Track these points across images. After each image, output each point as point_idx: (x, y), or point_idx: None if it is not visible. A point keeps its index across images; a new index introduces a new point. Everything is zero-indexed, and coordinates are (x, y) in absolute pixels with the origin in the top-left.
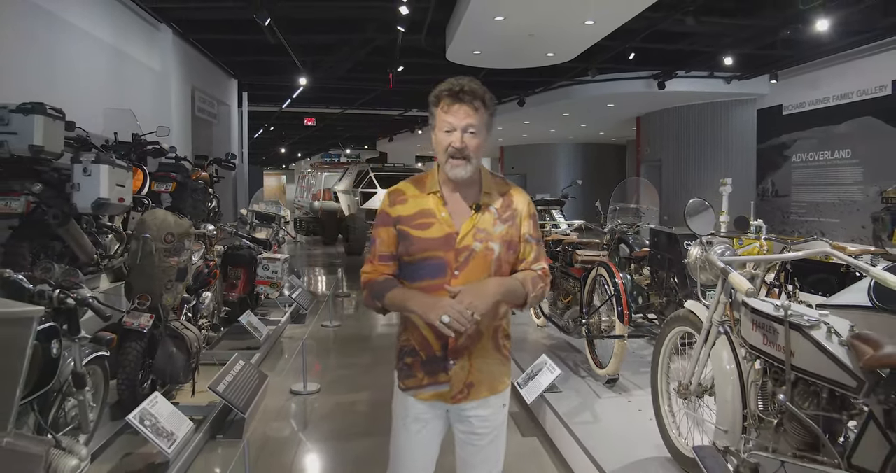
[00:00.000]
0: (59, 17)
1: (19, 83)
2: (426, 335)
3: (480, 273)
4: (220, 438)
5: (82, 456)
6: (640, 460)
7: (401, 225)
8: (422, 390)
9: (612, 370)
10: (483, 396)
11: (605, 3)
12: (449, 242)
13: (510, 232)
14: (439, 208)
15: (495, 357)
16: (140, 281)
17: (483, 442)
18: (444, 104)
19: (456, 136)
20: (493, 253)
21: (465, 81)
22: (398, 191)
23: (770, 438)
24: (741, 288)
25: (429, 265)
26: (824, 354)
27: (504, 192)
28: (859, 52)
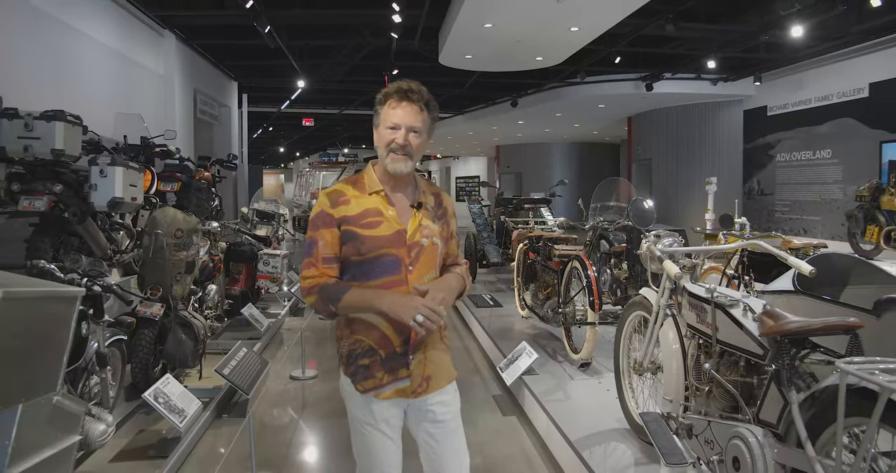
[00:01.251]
0: (72, 27)
1: (35, 89)
2: (387, 332)
3: (430, 267)
4: (226, 417)
5: (109, 423)
6: (602, 431)
7: (346, 225)
8: (382, 389)
9: (586, 354)
10: (442, 386)
11: (588, 12)
12: (400, 239)
13: (444, 228)
14: (385, 207)
15: (441, 346)
16: (152, 274)
17: (448, 429)
18: (392, 102)
19: (400, 134)
20: (437, 247)
21: (414, 84)
22: (338, 191)
23: (703, 403)
24: (671, 273)
25: (383, 262)
26: (740, 328)
27: (434, 193)
28: (838, 55)
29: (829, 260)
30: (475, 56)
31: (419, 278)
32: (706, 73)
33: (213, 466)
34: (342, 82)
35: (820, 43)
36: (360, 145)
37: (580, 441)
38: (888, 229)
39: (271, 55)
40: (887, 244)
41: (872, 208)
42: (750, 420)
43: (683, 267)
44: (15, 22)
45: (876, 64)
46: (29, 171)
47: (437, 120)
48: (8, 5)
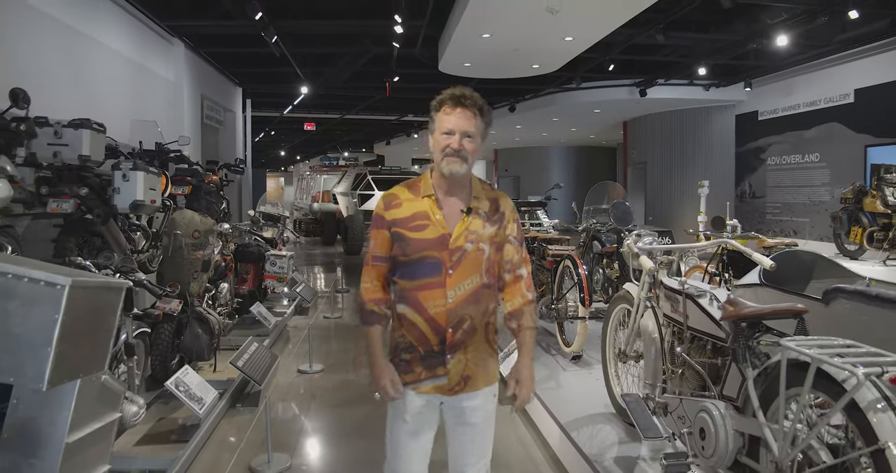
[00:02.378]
0: (91, 37)
1: (57, 97)
2: (424, 331)
3: (472, 271)
4: (240, 407)
5: (140, 405)
6: (590, 415)
7: (396, 227)
8: (420, 384)
9: (577, 347)
10: (479, 388)
11: (581, 23)
12: (443, 243)
13: (498, 233)
14: (434, 210)
15: (487, 350)
16: (171, 272)
17: (476, 432)
18: (447, 108)
19: (454, 138)
20: (483, 253)
21: (468, 91)
22: (393, 195)
23: (677, 384)
24: (646, 267)
25: (425, 264)
26: (707, 316)
27: (492, 197)
28: (825, 62)
29: (793, 256)
30: (474, 64)
31: (458, 282)
32: (698, 79)
33: (232, 450)
34: (344, 88)
35: (807, 50)
36: (360, 149)
37: (569, 424)
38: (871, 230)
39: (275, 62)
40: (870, 244)
41: (856, 210)
42: (715, 396)
43: (660, 263)
44: (40, 35)
45: (861, 71)
46: (56, 175)
47: (491, 124)
48: (34, 20)
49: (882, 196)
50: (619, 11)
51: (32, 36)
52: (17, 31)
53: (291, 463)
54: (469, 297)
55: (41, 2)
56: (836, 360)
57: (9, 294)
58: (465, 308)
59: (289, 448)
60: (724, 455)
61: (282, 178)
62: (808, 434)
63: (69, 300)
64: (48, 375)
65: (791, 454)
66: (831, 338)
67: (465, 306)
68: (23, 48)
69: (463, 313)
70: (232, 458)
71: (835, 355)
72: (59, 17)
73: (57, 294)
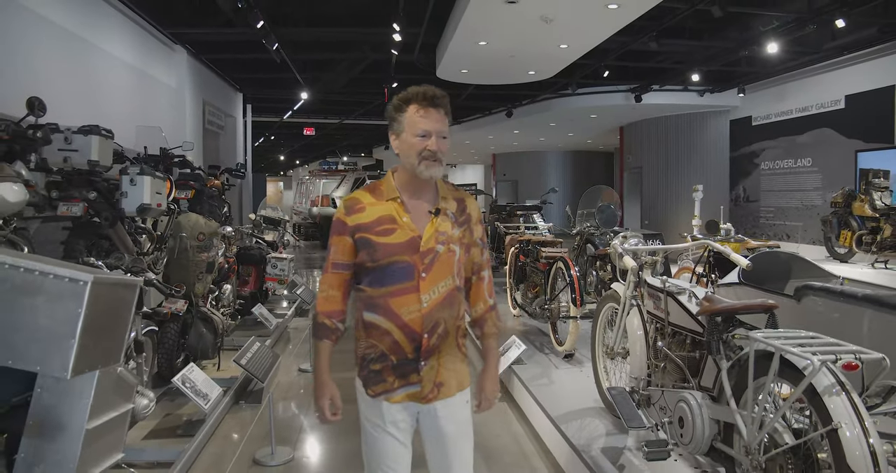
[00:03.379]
0: (96, 46)
1: (62, 103)
2: (398, 339)
3: (445, 274)
4: (243, 404)
5: (150, 398)
6: (580, 409)
7: (360, 233)
8: (393, 393)
9: (569, 346)
10: (452, 394)
11: (575, 31)
12: (413, 246)
13: (466, 235)
14: (400, 213)
15: (457, 354)
16: (176, 273)
17: (453, 441)
18: (418, 108)
19: (432, 141)
20: (454, 254)
21: (434, 89)
22: (354, 199)
23: (660, 377)
24: (628, 266)
25: (396, 269)
26: (686, 312)
27: (458, 198)
28: (816, 69)
29: (771, 257)
30: (471, 70)
31: (432, 285)
32: (692, 85)
33: (236, 444)
34: (343, 93)
35: (798, 57)
36: (358, 154)
37: (560, 417)
38: (859, 233)
39: (275, 68)
40: (859, 247)
41: (846, 214)
42: (693, 387)
43: (645, 263)
44: (48, 44)
45: (851, 77)
46: (66, 180)
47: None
48: (42, 29)
49: (870, 200)
50: (611, 20)
51: (39, 44)
52: (25, 39)
53: (294, 456)
54: (443, 301)
55: (48, 10)
56: (796, 350)
57: (36, 289)
58: (440, 311)
59: (291, 442)
60: (700, 441)
61: (281, 183)
62: (773, 418)
63: (91, 295)
64: (72, 364)
65: (758, 437)
66: (796, 331)
67: (440, 310)
68: (30, 56)
69: (437, 317)
70: (237, 451)
71: (796, 345)
72: (66, 26)
73: (80, 289)
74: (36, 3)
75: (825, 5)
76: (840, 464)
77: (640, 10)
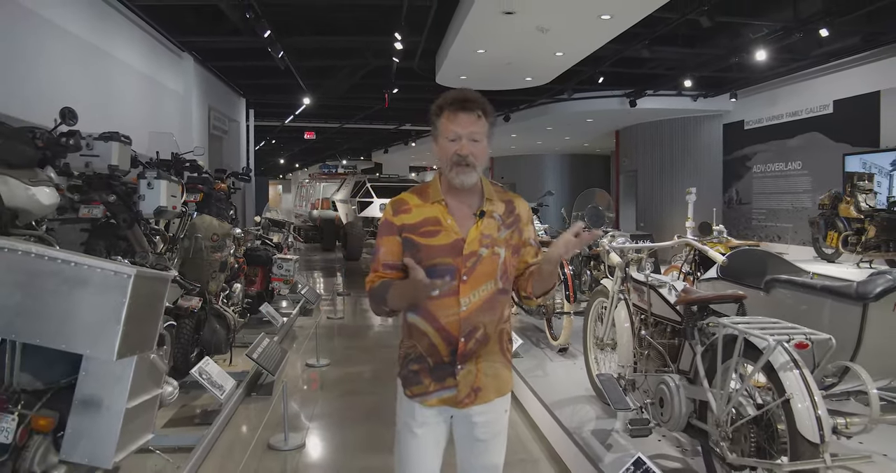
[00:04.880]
0: (109, 54)
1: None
2: (435, 342)
3: (487, 277)
4: (255, 396)
5: (174, 386)
6: (573, 397)
7: (406, 233)
8: (429, 396)
9: (563, 341)
10: (490, 400)
11: (570, 40)
12: (456, 248)
13: (514, 236)
14: (444, 216)
15: (500, 360)
16: (191, 271)
17: (485, 448)
18: (448, 113)
19: (461, 144)
20: (499, 257)
21: (468, 92)
22: (401, 200)
23: (644, 364)
24: (614, 262)
25: (438, 271)
26: (666, 303)
27: (505, 199)
28: (805, 74)
29: (748, 254)
30: (469, 77)
31: (472, 288)
32: (686, 90)
33: (251, 431)
34: (344, 98)
35: (788, 63)
36: (358, 157)
37: (554, 404)
38: (845, 234)
39: (278, 74)
40: (845, 248)
41: (832, 216)
42: (672, 371)
43: (631, 260)
44: (67, 53)
45: (838, 83)
46: (86, 183)
47: (495, 124)
48: (61, 40)
49: (855, 202)
50: (604, 30)
51: (59, 53)
52: (45, 49)
53: (305, 442)
54: (483, 304)
55: (67, 21)
56: (757, 332)
57: (85, 281)
58: (479, 316)
59: (302, 429)
60: (678, 418)
61: (280, 186)
62: (737, 392)
63: (133, 287)
64: (117, 348)
65: (726, 410)
66: (760, 318)
67: (479, 314)
68: (51, 65)
69: (476, 321)
70: (252, 437)
71: (757, 329)
72: (83, 36)
73: (125, 282)
74: (56, 15)
75: (810, 15)
76: (792, 430)
77: (631, 21)
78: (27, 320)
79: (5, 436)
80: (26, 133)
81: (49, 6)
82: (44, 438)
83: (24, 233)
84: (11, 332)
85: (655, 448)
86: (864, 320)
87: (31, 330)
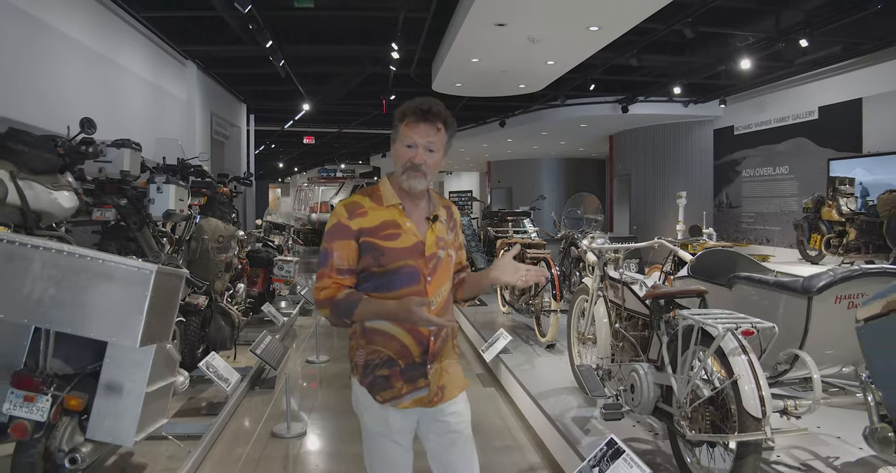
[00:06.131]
0: (116, 62)
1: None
2: (406, 343)
3: (446, 278)
4: (258, 389)
5: (186, 376)
6: (558, 389)
7: (365, 237)
8: (401, 399)
9: (551, 337)
10: (454, 395)
11: (560, 49)
12: (418, 250)
13: (455, 239)
14: (402, 219)
15: (454, 356)
16: (198, 271)
17: (462, 439)
18: (410, 121)
19: (416, 152)
20: (451, 259)
21: (432, 103)
22: (355, 203)
23: (620, 355)
24: (590, 261)
25: (403, 273)
26: (637, 298)
27: (445, 205)
28: (792, 81)
29: (717, 253)
30: (464, 84)
31: (437, 289)
32: (676, 96)
33: (255, 421)
34: (342, 104)
35: (774, 70)
36: (356, 161)
37: (539, 395)
38: (828, 237)
39: (278, 81)
40: (827, 250)
41: (816, 219)
42: (643, 360)
43: (608, 260)
44: (78, 63)
45: (823, 90)
46: (99, 188)
47: (454, 136)
48: (71, 49)
49: (837, 206)
50: (592, 40)
51: (69, 62)
52: (56, 59)
53: (307, 430)
54: (445, 304)
55: (77, 32)
56: (710, 321)
57: (111, 276)
58: (443, 314)
59: (303, 419)
60: (647, 403)
61: (279, 189)
62: (694, 375)
63: (155, 281)
64: (140, 337)
65: (685, 391)
66: (716, 310)
67: (443, 312)
68: (62, 74)
69: None
70: (256, 426)
71: (712, 319)
72: (92, 46)
73: (147, 277)
74: (66, 26)
75: (790, 26)
76: (740, 407)
77: (618, 32)
78: (60, 311)
79: (41, 414)
80: (49, 141)
81: (61, 19)
82: (71, 419)
83: (46, 234)
84: (46, 322)
85: (630, 432)
86: (810, 312)
87: (64, 320)
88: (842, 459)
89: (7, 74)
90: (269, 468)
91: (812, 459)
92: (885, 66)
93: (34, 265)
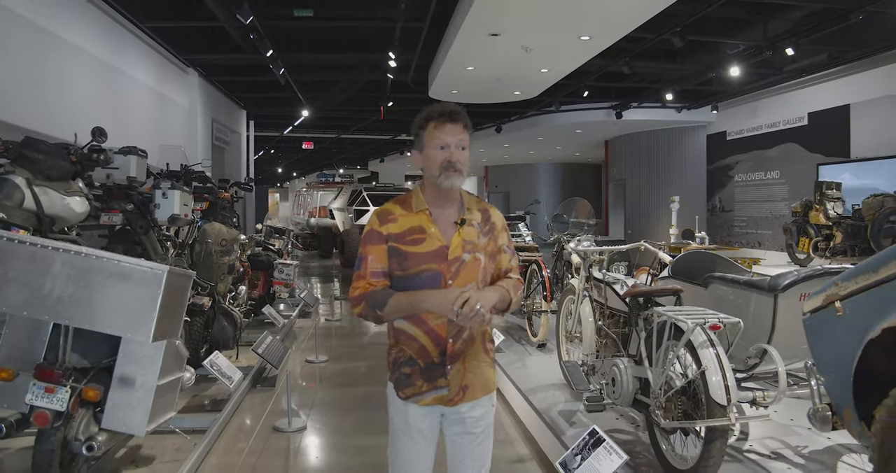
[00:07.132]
0: (124, 72)
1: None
2: (424, 344)
3: (470, 282)
4: (260, 387)
5: (192, 372)
6: (547, 385)
7: (392, 242)
8: (422, 396)
9: (541, 337)
10: (477, 397)
11: (553, 58)
12: (441, 255)
13: (491, 243)
14: (428, 224)
15: (484, 359)
16: (202, 273)
17: (476, 441)
18: (436, 124)
19: (450, 151)
20: (480, 262)
21: (452, 105)
22: (387, 210)
23: (603, 351)
24: (575, 262)
25: (424, 277)
26: (618, 297)
27: (482, 209)
28: (782, 88)
29: (697, 255)
30: (460, 91)
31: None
32: (669, 102)
33: (257, 417)
34: (341, 110)
35: (765, 77)
36: (355, 166)
37: (529, 391)
38: (815, 240)
39: (278, 87)
40: (815, 253)
41: (804, 222)
42: (622, 355)
43: (593, 262)
44: (84, 71)
45: (812, 96)
46: (106, 193)
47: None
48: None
49: (824, 209)
50: (584, 49)
51: (76, 71)
52: (64, 69)
53: (307, 425)
54: None
55: (83, 41)
56: (681, 317)
57: (126, 276)
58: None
59: (303, 415)
60: (627, 395)
61: (277, 194)
62: (666, 366)
63: (167, 281)
64: (153, 333)
65: (660, 383)
66: (688, 307)
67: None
68: (70, 82)
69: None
70: (259, 422)
71: (683, 315)
72: (98, 55)
73: (159, 277)
74: (73, 36)
75: (777, 35)
76: (707, 395)
77: (609, 41)
78: (78, 308)
79: (61, 404)
80: (62, 149)
81: (69, 29)
82: (87, 410)
83: (59, 238)
84: (66, 318)
85: (613, 424)
86: (776, 309)
87: (82, 316)
88: (810, 447)
89: (16, 83)
90: (272, 459)
91: (783, 447)
92: (871, 74)
93: (54, 265)
